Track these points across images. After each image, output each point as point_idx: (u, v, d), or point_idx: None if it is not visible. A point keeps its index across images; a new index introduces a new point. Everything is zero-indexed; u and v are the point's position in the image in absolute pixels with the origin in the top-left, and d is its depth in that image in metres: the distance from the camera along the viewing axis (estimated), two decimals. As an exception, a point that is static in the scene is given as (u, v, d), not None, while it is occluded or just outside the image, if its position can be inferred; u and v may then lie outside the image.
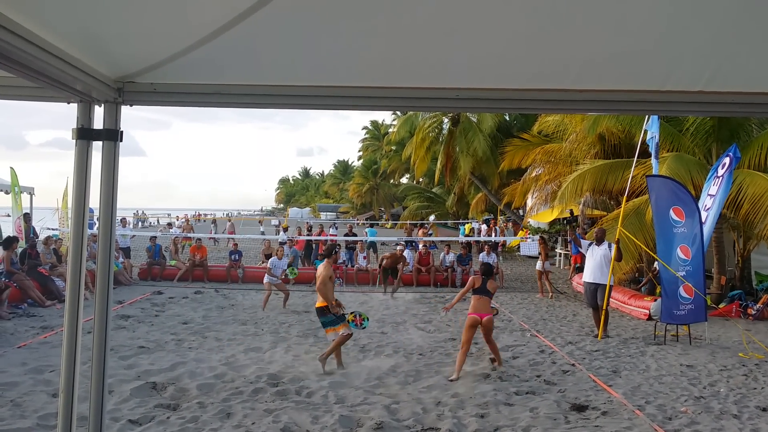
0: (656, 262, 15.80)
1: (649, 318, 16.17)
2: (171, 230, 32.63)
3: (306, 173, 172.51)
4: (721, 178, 14.45)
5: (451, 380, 10.28)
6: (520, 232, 35.96)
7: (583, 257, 25.88)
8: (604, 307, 14.15)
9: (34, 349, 11.59)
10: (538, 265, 22.58)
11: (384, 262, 22.53)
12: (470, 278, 11.61)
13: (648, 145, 15.94)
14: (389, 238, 35.66)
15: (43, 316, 15.00)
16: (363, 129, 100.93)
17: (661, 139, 17.23)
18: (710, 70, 3.03)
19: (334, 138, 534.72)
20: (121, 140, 3.25)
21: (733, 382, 10.52)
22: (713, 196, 14.62)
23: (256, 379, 10.01)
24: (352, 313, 11.17)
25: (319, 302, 10.92)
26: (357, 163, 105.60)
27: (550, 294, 21.47)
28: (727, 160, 14.45)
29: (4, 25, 2.16)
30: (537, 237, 28.30)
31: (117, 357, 10.90)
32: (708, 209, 14.61)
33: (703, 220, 14.19)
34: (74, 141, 3.15)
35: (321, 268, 11.16)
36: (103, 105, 3.21)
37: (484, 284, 11.16)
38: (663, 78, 3.13)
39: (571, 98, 3.32)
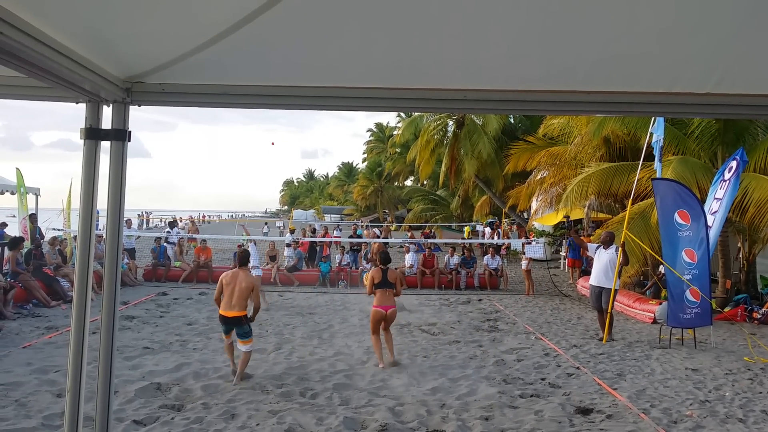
0: (662, 266, 15.78)
1: (654, 321, 16.12)
2: (172, 230, 32.56)
3: (310, 175, 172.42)
4: (728, 181, 14.39)
5: (382, 367, 10.83)
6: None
7: (581, 261, 26.17)
8: (609, 311, 14.13)
9: (39, 350, 11.61)
10: (524, 264, 23.60)
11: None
12: (369, 273, 11.72)
13: (653, 148, 15.92)
14: (394, 241, 35.64)
15: (48, 317, 15.02)
16: (368, 131, 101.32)
17: (667, 142, 17.20)
18: (718, 73, 3.03)
19: (338, 140, 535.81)
20: (129, 140, 3.26)
21: (738, 386, 10.49)
22: (720, 199, 14.56)
23: (260, 380, 10.02)
24: None
25: (238, 311, 10.17)
26: (361, 166, 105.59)
27: (530, 291, 22.70)
28: (734, 164, 14.39)
29: (15, 24, 2.17)
30: (541, 240, 28.35)
31: (122, 357, 10.92)
32: (714, 213, 14.56)
33: (710, 224, 14.15)
34: (82, 141, 3.15)
35: (247, 276, 10.45)
36: (111, 105, 3.22)
37: (385, 276, 11.27)
38: (671, 80, 3.13)
39: (579, 100, 3.32)
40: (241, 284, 10.21)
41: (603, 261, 14.54)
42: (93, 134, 3.16)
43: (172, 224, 31.72)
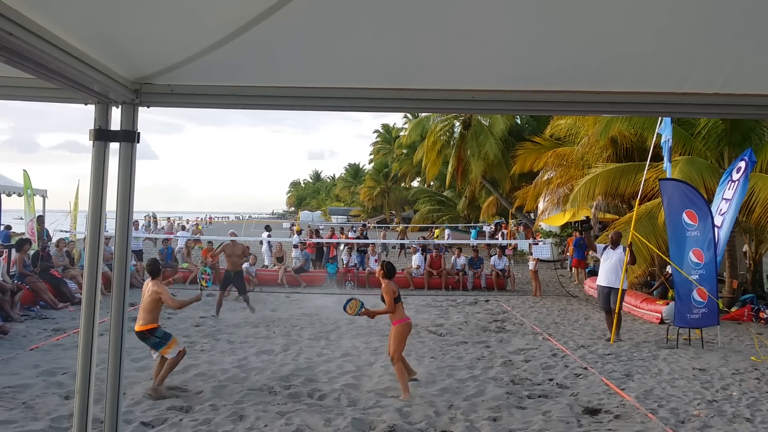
0: (669, 266, 15.75)
1: (662, 322, 16.12)
2: (179, 232, 32.59)
3: (317, 176, 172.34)
4: (736, 182, 14.34)
5: (407, 400, 9.34)
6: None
7: (586, 262, 26.14)
8: (617, 311, 14.11)
9: (47, 352, 11.64)
10: (531, 264, 23.69)
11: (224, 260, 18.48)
12: (387, 287, 9.74)
13: (661, 148, 15.89)
14: (401, 241, 35.66)
15: (55, 319, 15.06)
16: (374, 132, 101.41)
17: (673, 143, 17.17)
18: (726, 72, 3.03)
19: (345, 141, 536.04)
20: (138, 141, 3.27)
21: (745, 385, 10.48)
22: (729, 200, 14.50)
23: (268, 382, 10.03)
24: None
25: (141, 325, 9.55)
26: (368, 167, 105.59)
27: (537, 292, 22.78)
28: (742, 164, 14.33)
29: (25, 25, 2.18)
30: (548, 240, 28.30)
31: (129, 359, 10.93)
32: (724, 214, 14.52)
33: (719, 225, 14.14)
34: (91, 142, 3.16)
35: (153, 286, 9.66)
36: (120, 106, 3.23)
37: (398, 289, 9.96)
38: (679, 80, 3.12)
39: (587, 100, 3.32)
40: (146, 296, 9.66)
41: (612, 261, 14.50)
42: (102, 135, 3.18)
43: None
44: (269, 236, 27.46)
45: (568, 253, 30.33)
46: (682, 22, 2.59)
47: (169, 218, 61.36)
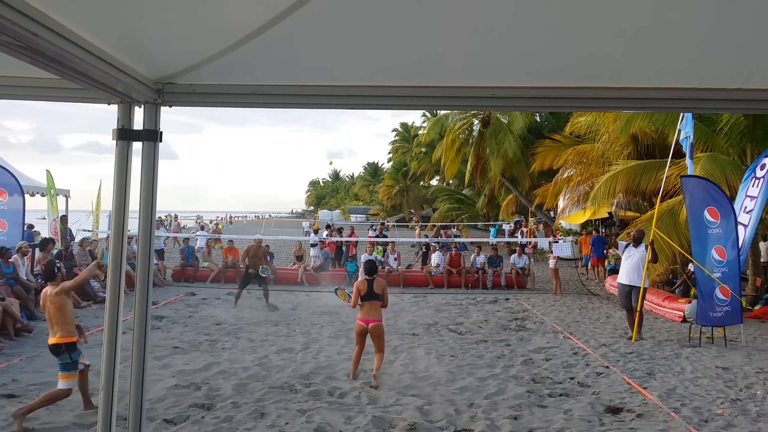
0: (691, 264, 15.66)
1: (684, 320, 16.00)
2: (199, 231, 32.75)
3: (336, 175, 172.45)
4: (761, 179, 14.23)
5: (352, 378, 10.29)
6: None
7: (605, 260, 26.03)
8: (639, 309, 14.04)
9: (70, 350, 11.71)
10: (551, 263, 23.65)
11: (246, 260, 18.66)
12: (355, 285, 10.53)
13: (682, 145, 15.80)
14: (411, 240, 35.61)
15: (78, 317, 14.96)
16: (393, 131, 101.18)
17: (695, 139, 17.07)
18: (749, 68, 3.01)
19: (363, 140, 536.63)
20: (160, 141, 3.29)
21: (769, 384, 10.42)
22: (754, 198, 14.39)
23: (289, 380, 10.06)
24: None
25: (57, 338, 7.95)
26: (387, 165, 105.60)
27: (558, 290, 22.77)
28: (766, 161, 14.25)
29: (50, 27, 2.20)
30: (568, 238, 28.16)
31: (152, 357, 10.99)
32: (750, 212, 14.41)
33: (746, 223, 14.04)
34: (114, 142, 3.19)
35: (54, 290, 8.01)
36: (143, 106, 3.25)
37: (370, 287, 10.23)
38: (701, 75, 3.11)
39: (608, 96, 3.31)
40: (50, 305, 8.02)
41: (634, 259, 14.42)
42: (125, 135, 3.21)
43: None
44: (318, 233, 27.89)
45: (582, 253, 30.17)
46: (703, 18, 2.58)
47: (176, 216, 61.47)
